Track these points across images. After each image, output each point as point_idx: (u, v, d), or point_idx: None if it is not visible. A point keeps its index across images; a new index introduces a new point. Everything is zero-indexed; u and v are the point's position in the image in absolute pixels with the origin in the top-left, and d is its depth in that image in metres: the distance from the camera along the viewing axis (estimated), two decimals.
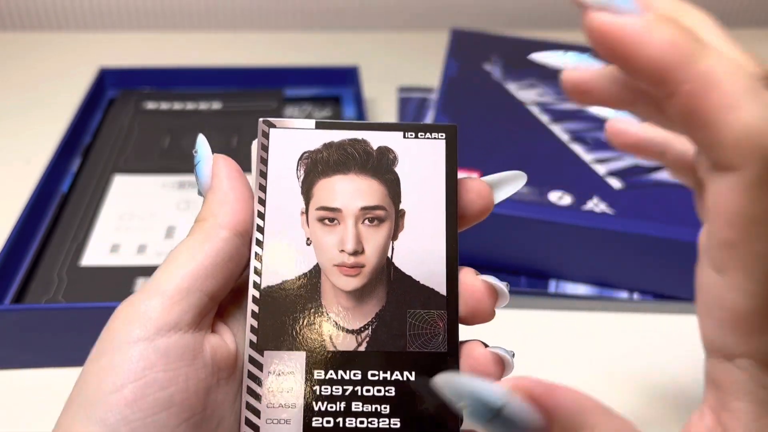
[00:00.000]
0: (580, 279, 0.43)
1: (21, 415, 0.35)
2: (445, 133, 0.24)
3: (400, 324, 0.23)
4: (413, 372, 0.22)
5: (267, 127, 0.24)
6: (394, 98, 0.64)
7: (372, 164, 0.24)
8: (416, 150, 0.24)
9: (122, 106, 0.58)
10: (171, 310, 0.20)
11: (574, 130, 0.49)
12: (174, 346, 0.20)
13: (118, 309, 0.21)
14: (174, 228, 0.45)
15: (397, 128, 0.24)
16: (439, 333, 0.23)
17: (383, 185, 0.24)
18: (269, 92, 0.61)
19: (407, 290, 0.23)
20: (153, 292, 0.21)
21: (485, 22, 0.82)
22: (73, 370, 0.37)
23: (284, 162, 0.24)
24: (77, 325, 0.35)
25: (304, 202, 0.23)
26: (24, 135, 0.58)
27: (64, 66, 0.68)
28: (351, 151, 0.24)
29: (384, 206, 0.23)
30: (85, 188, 0.48)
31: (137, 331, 0.20)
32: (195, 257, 0.21)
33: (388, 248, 0.23)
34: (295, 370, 0.22)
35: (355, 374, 0.22)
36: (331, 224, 0.23)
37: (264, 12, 0.78)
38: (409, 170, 0.24)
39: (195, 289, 0.21)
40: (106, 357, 0.20)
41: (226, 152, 0.25)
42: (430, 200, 0.23)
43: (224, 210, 0.23)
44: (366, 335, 0.23)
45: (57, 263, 0.42)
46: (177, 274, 0.21)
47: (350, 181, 0.23)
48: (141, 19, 0.77)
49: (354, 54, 0.72)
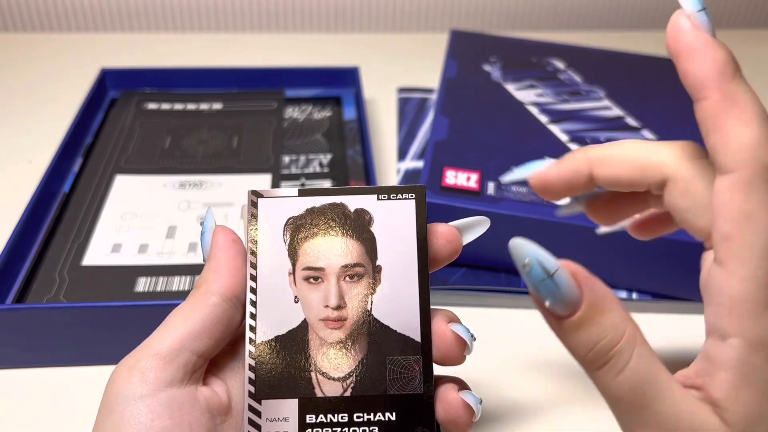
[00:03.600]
0: None
1: (22, 415, 0.35)
2: (415, 193, 0.26)
3: (381, 370, 0.25)
4: (394, 413, 0.25)
5: (255, 197, 0.27)
6: (394, 99, 0.64)
7: (350, 226, 0.26)
8: (389, 210, 0.26)
9: (123, 107, 0.58)
10: (166, 368, 0.23)
11: (573, 130, 0.49)
12: (173, 397, 0.23)
13: (119, 368, 0.24)
14: (175, 228, 0.45)
15: (371, 191, 0.26)
16: (415, 376, 0.25)
17: (361, 244, 0.26)
18: (270, 93, 0.61)
19: (386, 339, 0.25)
20: (149, 353, 0.24)
21: (485, 23, 0.82)
22: (73, 370, 0.37)
23: (272, 228, 0.26)
24: (79, 324, 0.36)
25: (291, 263, 0.26)
26: (26, 135, 0.58)
27: (65, 67, 0.69)
28: (331, 215, 0.26)
29: (362, 263, 0.26)
30: (86, 188, 0.48)
31: (140, 388, 0.23)
32: (186, 321, 0.24)
33: (367, 301, 0.26)
34: (290, 416, 0.25)
35: (342, 417, 0.25)
36: (316, 282, 0.26)
37: (264, 13, 0.78)
38: (384, 229, 0.26)
39: (185, 349, 0.24)
40: (116, 413, 0.23)
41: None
42: (403, 255, 0.26)
43: (215, 278, 0.25)
44: (350, 381, 0.25)
45: (58, 263, 0.42)
46: (170, 337, 0.24)
47: (331, 242, 0.26)
48: (142, 20, 0.77)
49: (354, 55, 0.72)
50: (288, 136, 0.56)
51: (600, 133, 0.48)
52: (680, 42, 0.21)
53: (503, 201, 0.41)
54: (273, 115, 0.58)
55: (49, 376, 0.37)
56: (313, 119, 0.58)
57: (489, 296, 0.42)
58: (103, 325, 0.36)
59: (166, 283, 0.41)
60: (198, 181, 0.49)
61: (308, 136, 0.56)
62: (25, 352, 0.37)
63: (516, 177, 0.28)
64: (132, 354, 0.24)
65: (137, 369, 0.23)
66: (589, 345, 0.21)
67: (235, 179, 0.50)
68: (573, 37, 0.75)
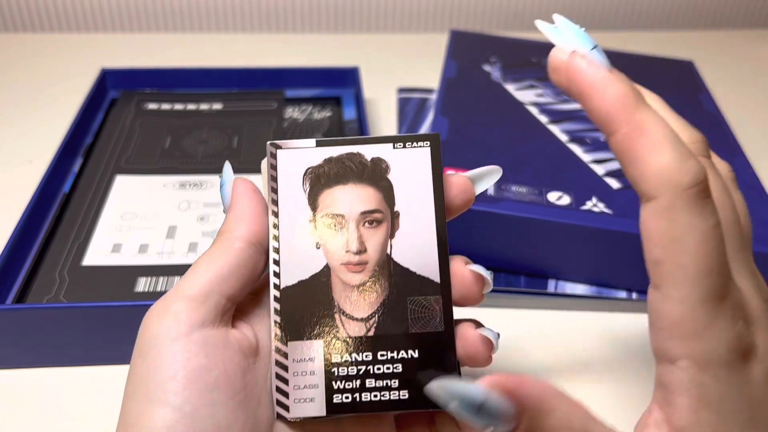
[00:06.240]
0: (579, 279, 0.43)
1: (22, 415, 0.35)
2: (430, 141, 0.27)
3: (402, 310, 0.26)
4: (416, 350, 0.26)
5: (274, 149, 0.27)
6: (393, 99, 0.64)
7: (367, 174, 0.27)
8: (405, 158, 0.27)
9: (124, 107, 0.58)
10: (197, 310, 0.24)
11: (573, 130, 0.49)
12: (207, 338, 0.24)
13: (151, 312, 0.24)
14: (175, 228, 0.45)
15: (387, 140, 0.27)
16: (436, 315, 0.26)
17: (379, 191, 0.27)
18: (270, 93, 0.61)
19: (406, 280, 0.26)
20: (179, 296, 0.24)
21: (485, 23, 0.82)
22: (73, 370, 0.37)
23: (291, 178, 0.27)
24: (79, 324, 0.36)
25: (311, 211, 0.27)
26: (26, 135, 0.58)
27: (65, 67, 0.69)
28: (348, 164, 0.27)
29: (381, 209, 0.27)
30: (86, 188, 0.48)
31: (174, 329, 0.23)
32: (214, 265, 0.25)
33: (387, 246, 0.26)
34: (315, 357, 0.25)
35: (366, 356, 0.26)
36: (336, 229, 0.26)
37: (264, 13, 0.78)
38: (400, 176, 0.27)
39: (214, 291, 0.24)
40: (152, 354, 0.23)
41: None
42: (420, 201, 0.27)
43: (239, 224, 0.26)
44: (373, 322, 0.26)
45: (58, 263, 0.42)
46: (199, 280, 0.24)
47: (350, 190, 0.27)
48: (142, 20, 0.77)
49: (354, 55, 0.72)
50: (288, 137, 0.56)
51: (600, 134, 0.48)
52: (581, 82, 0.22)
53: (503, 201, 0.41)
54: (273, 115, 0.58)
55: (49, 376, 0.37)
56: (313, 119, 0.58)
57: (488, 296, 0.42)
58: (103, 325, 0.36)
59: (166, 283, 0.41)
60: (198, 181, 0.50)
61: (308, 136, 0.56)
62: (25, 352, 0.37)
63: (547, 30, 0.23)
64: (162, 299, 0.24)
65: (170, 311, 0.24)
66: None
67: None
68: None
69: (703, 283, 0.20)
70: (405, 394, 0.25)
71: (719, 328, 0.20)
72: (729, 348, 0.20)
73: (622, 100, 0.21)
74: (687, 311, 0.20)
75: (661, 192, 0.20)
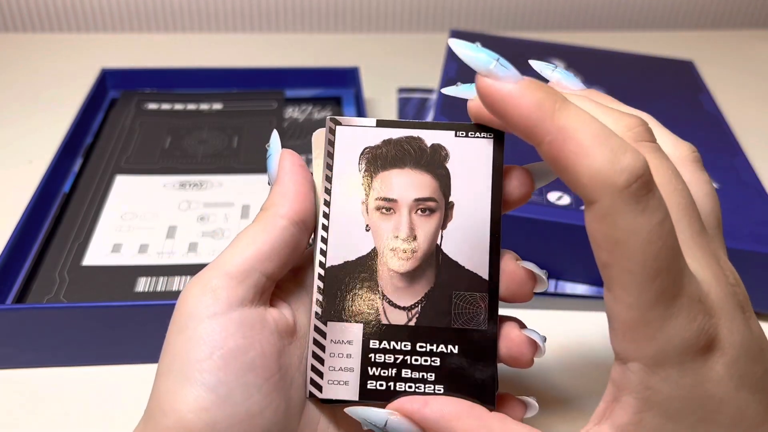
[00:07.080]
0: (579, 279, 0.43)
1: (22, 415, 0.35)
2: (494, 133, 0.26)
3: (446, 303, 0.25)
4: (457, 346, 0.25)
5: (333, 125, 0.26)
6: (394, 99, 0.64)
7: (425, 160, 0.26)
8: (466, 148, 0.26)
9: (123, 107, 0.58)
10: (237, 288, 0.23)
11: None
12: (245, 317, 0.23)
13: (189, 286, 0.24)
14: (175, 228, 0.45)
15: (450, 128, 0.26)
16: (480, 313, 0.25)
17: (435, 179, 0.26)
18: (270, 93, 0.61)
19: (453, 274, 0.25)
20: (219, 272, 0.23)
21: (485, 23, 0.82)
22: (73, 370, 0.37)
23: (348, 156, 0.26)
24: (79, 324, 0.36)
25: (364, 192, 0.26)
26: (26, 135, 0.58)
27: (65, 67, 0.69)
28: (407, 147, 0.26)
29: (435, 198, 0.26)
30: (86, 188, 0.48)
31: (212, 307, 0.23)
32: (255, 242, 0.24)
33: (437, 236, 0.26)
34: (354, 340, 0.25)
35: (405, 345, 0.25)
36: (388, 213, 0.26)
37: (264, 13, 0.78)
38: (459, 166, 0.26)
39: (255, 269, 0.24)
40: (189, 330, 0.23)
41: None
42: (476, 194, 0.26)
43: (284, 202, 0.25)
44: (416, 312, 0.25)
45: (59, 263, 0.42)
46: (239, 257, 0.24)
47: (406, 174, 0.26)
48: (142, 20, 0.77)
49: (354, 55, 0.72)
50: (288, 137, 0.56)
51: None
52: (495, 103, 0.20)
53: None
54: (273, 115, 0.58)
55: (49, 376, 0.37)
56: (314, 119, 0.58)
57: None
58: (103, 325, 0.36)
59: (166, 283, 0.41)
60: (198, 181, 0.50)
61: (308, 136, 0.56)
62: (26, 352, 0.37)
63: (456, 93, 0.26)
64: (201, 273, 0.24)
65: (209, 288, 0.23)
66: None
67: (235, 179, 0.50)
68: (573, 37, 0.75)
69: (652, 286, 0.19)
70: (440, 389, 0.25)
71: (672, 328, 0.19)
72: (683, 348, 0.19)
73: (538, 109, 0.20)
74: (637, 315, 0.19)
75: (599, 196, 0.19)
